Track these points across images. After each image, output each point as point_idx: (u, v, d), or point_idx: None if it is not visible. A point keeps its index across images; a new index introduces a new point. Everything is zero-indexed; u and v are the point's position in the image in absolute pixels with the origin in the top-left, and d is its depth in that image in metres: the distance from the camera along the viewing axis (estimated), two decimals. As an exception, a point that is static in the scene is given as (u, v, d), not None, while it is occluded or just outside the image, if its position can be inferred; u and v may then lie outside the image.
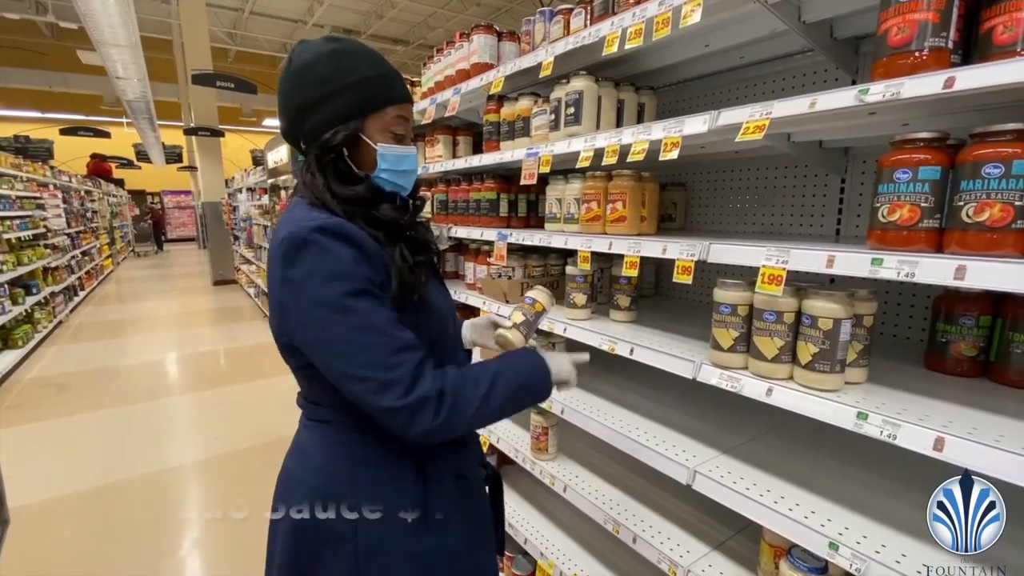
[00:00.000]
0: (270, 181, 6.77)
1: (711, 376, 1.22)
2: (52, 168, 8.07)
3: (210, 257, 10.81)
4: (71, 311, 7.77)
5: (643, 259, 1.41)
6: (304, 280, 0.85)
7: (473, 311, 2.20)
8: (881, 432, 0.92)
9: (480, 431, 2.20)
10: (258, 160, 9.55)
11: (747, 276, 1.20)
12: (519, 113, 1.82)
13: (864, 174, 1.52)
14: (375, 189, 0.97)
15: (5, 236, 5.33)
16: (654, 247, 1.35)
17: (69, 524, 2.71)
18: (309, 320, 0.86)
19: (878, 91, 0.88)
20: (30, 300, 5.90)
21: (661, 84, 1.96)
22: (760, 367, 1.13)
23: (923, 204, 0.90)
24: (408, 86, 0.99)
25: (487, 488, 1.21)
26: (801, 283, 1.12)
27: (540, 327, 1.28)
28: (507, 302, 1.94)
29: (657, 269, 2.22)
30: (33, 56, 9.72)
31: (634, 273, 1.42)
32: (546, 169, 1.63)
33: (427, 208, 2.54)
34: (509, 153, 1.84)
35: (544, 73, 1.61)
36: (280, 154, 6.22)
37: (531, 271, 2.02)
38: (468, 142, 2.43)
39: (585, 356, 1.14)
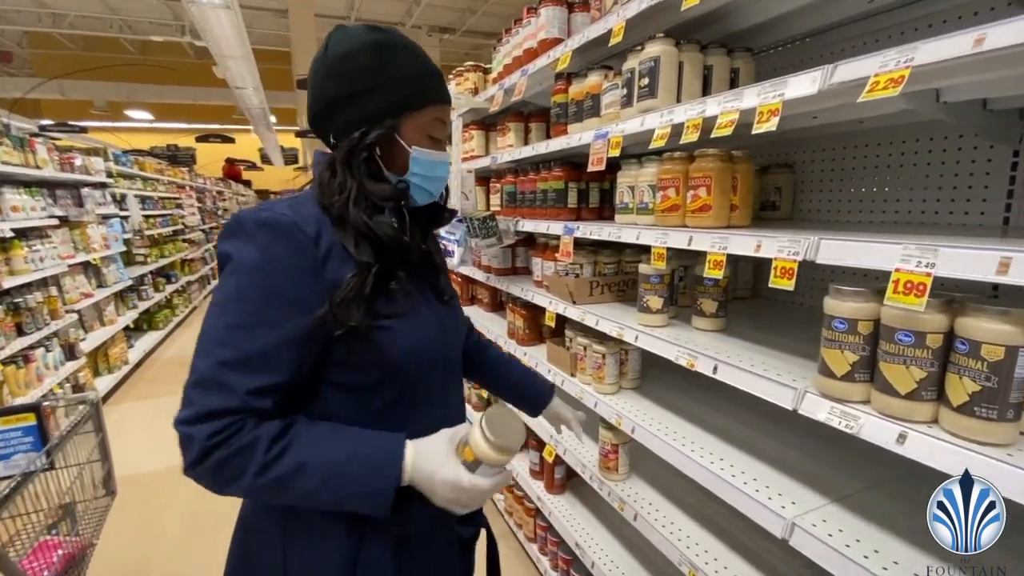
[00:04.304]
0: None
1: (819, 410, 0.96)
2: (189, 171, 9.17)
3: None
4: (204, 298, 8.80)
5: (735, 256, 1.15)
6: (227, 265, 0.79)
7: (539, 310, 2.04)
8: (1086, 518, 0.62)
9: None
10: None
11: (869, 280, 0.91)
12: (588, 91, 1.60)
13: (1052, 143, 1.12)
14: (402, 193, 0.90)
15: (148, 232, 6.11)
16: (745, 243, 1.09)
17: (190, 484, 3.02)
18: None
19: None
20: (170, 288, 6.73)
21: (763, 46, 1.63)
22: (888, 404, 0.85)
23: None
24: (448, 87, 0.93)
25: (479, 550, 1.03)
26: (954, 293, 0.82)
27: (603, 332, 1.02)
28: (573, 303, 1.75)
29: (756, 266, 1.89)
30: (179, 75, 11.19)
31: (719, 274, 1.17)
32: (615, 152, 1.41)
33: (495, 201, 2.41)
34: (577, 137, 1.64)
35: (615, 40, 1.38)
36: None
37: (602, 268, 1.81)
38: (541, 128, 2.24)
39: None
